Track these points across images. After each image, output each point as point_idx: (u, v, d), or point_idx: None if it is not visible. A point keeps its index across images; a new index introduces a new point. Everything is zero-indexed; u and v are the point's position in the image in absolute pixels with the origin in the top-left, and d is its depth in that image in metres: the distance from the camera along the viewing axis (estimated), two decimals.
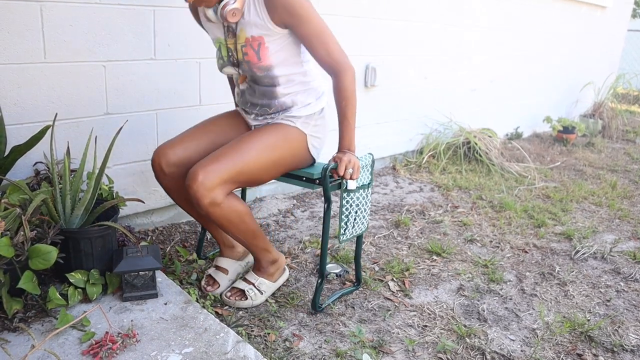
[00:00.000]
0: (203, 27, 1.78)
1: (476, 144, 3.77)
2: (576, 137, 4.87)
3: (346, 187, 1.73)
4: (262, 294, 1.83)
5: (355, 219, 1.82)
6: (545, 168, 3.88)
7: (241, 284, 1.84)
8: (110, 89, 2.06)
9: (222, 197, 1.57)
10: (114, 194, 1.96)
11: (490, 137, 3.89)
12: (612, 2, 5.41)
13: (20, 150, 1.75)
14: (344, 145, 1.71)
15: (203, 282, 1.91)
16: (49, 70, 1.88)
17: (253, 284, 1.83)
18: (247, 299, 1.81)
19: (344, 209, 1.76)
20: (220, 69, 1.77)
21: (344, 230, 1.79)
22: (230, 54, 1.70)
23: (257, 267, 1.87)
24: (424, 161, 3.69)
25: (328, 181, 1.68)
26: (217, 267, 1.94)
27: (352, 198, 1.77)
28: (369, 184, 1.84)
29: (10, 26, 1.76)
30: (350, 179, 1.70)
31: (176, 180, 1.75)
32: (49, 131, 1.86)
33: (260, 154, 1.64)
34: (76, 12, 1.89)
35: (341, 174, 1.69)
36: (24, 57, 1.82)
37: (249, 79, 1.74)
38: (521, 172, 3.66)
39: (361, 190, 1.81)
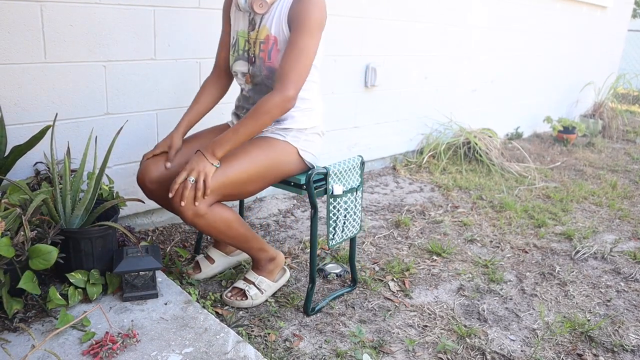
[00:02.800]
0: (229, 17, 1.81)
1: (476, 144, 3.77)
2: (576, 137, 4.87)
3: (332, 192, 1.72)
4: (262, 293, 1.83)
5: (344, 223, 1.81)
6: (545, 168, 3.88)
7: (241, 284, 1.84)
8: (111, 89, 2.06)
9: (205, 208, 1.56)
10: (114, 194, 1.96)
11: (490, 137, 3.89)
12: (612, 2, 5.41)
13: (21, 150, 1.75)
14: (215, 142, 1.57)
15: (189, 267, 1.99)
16: (49, 70, 1.88)
17: (253, 283, 1.84)
18: (247, 298, 1.81)
19: (331, 214, 1.75)
20: (232, 64, 1.79)
21: (333, 235, 1.78)
22: (248, 47, 1.72)
23: (256, 266, 1.87)
24: (424, 161, 3.69)
25: (312, 187, 1.67)
26: (206, 256, 2.01)
27: (339, 203, 1.76)
28: (358, 187, 1.83)
29: (10, 26, 1.76)
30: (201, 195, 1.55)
31: (163, 194, 1.76)
32: (49, 131, 1.86)
33: (244, 166, 1.62)
34: (76, 12, 1.89)
35: (171, 195, 1.54)
36: (24, 57, 1.82)
37: (254, 81, 1.75)
38: (521, 172, 3.66)
39: (349, 194, 1.79)
